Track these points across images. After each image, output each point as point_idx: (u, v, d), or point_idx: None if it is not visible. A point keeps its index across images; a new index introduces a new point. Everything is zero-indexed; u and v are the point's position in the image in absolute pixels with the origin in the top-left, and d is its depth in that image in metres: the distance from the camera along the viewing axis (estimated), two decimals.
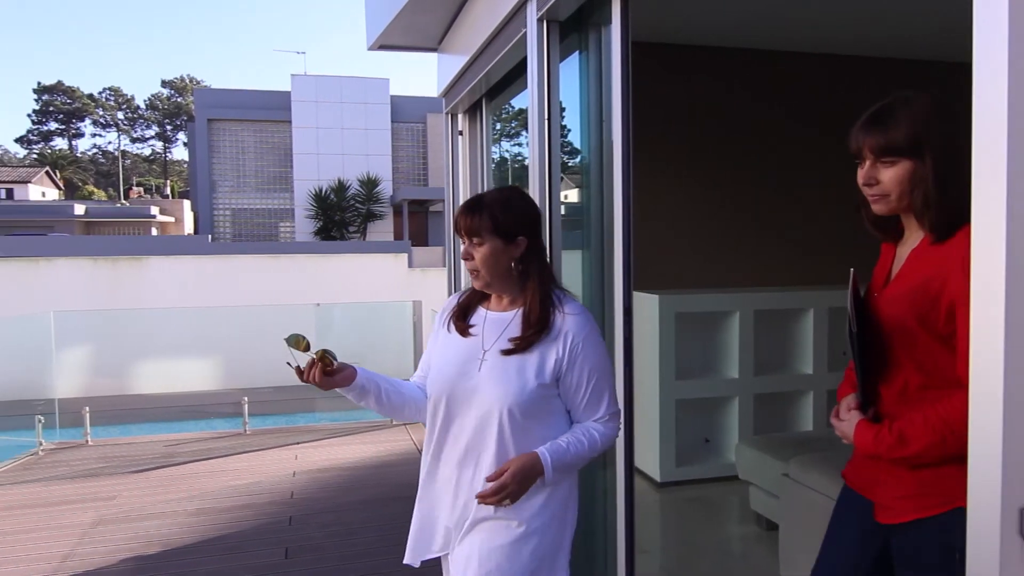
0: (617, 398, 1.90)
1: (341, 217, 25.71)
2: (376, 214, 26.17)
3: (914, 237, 1.62)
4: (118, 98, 68.69)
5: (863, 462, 1.72)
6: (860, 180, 1.59)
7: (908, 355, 1.57)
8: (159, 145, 70.63)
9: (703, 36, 4.74)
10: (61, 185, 53.07)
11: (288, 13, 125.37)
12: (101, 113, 68.08)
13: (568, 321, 1.81)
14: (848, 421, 1.65)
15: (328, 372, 1.81)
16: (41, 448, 6.53)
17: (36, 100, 66.30)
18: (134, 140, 69.99)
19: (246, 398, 7.07)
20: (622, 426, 1.94)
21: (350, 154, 26.42)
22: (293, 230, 26.71)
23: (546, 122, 2.79)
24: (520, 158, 4.60)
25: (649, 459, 4.62)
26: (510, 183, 4.67)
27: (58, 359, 8.28)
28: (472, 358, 1.84)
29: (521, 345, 1.80)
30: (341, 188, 25.70)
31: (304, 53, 77.91)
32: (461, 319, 1.92)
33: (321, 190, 25.58)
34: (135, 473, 5.80)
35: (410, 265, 12.86)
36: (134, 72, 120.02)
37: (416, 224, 27.13)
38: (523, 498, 1.78)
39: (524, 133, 4.35)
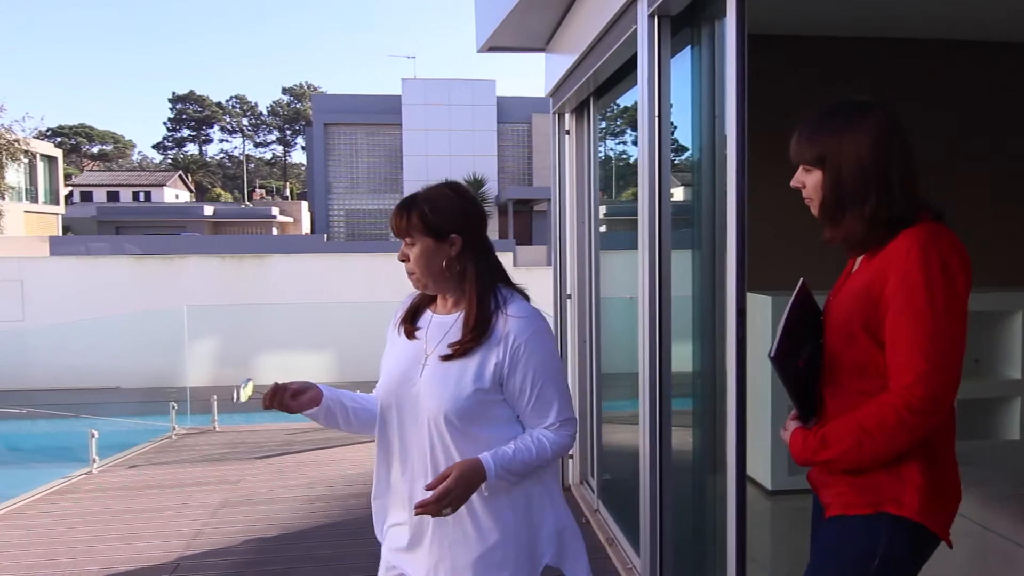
0: (571, 405, 1.78)
1: None
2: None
3: None
4: (243, 105, 72.99)
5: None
6: (792, 183, 1.67)
7: (849, 359, 1.59)
8: (279, 149, 74.56)
9: (824, 26, 4.53)
10: (192, 188, 56.94)
11: (400, 19, 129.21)
12: (228, 120, 72.57)
13: (511, 323, 1.71)
14: (787, 431, 1.67)
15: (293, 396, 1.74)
16: (174, 432, 7.04)
17: (171, 109, 71.49)
18: (257, 145, 74.24)
19: (359, 391, 7.35)
20: (733, 433, 1.87)
21: (457, 155, 26.96)
22: None
23: (656, 119, 2.75)
24: (625, 156, 4.55)
25: (760, 466, 4.47)
26: (615, 181, 4.63)
27: (190, 350, 8.90)
28: (415, 363, 1.77)
29: (459, 351, 1.70)
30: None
31: (414, 57, 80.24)
32: (409, 322, 1.83)
33: None
34: (258, 459, 6.15)
35: (515, 264, 12.98)
36: (258, 80, 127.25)
37: (521, 223, 27.36)
38: (486, 508, 1.71)
39: (630, 131, 4.30)
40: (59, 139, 57.97)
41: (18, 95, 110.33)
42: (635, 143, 4.24)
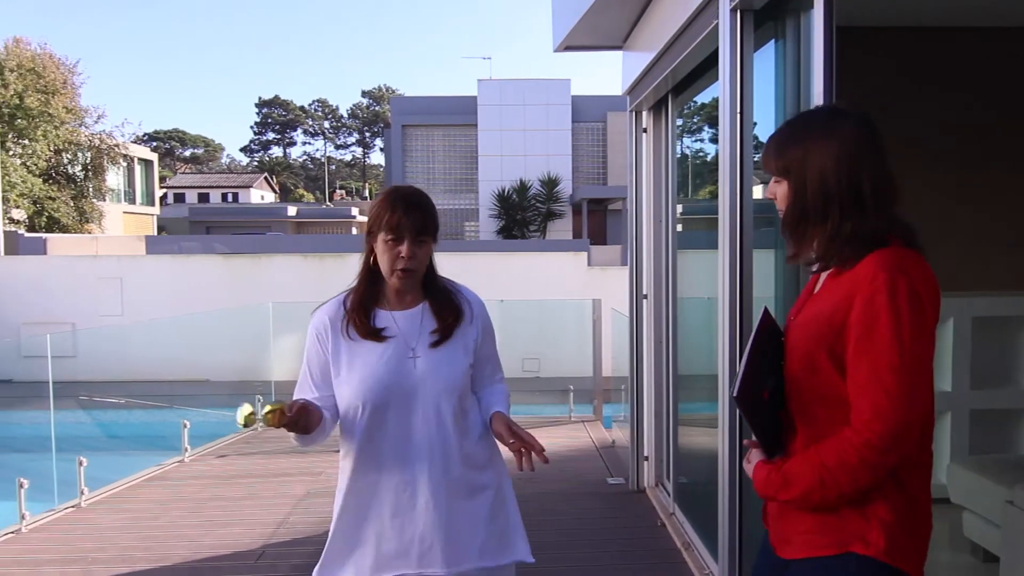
0: None
1: (522, 216, 26.36)
2: (556, 213, 26.55)
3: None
4: (325, 109, 75.18)
5: None
6: (765, 194, 1.61)
7: (812, 388, 1.50)
8: (359, 151, 76.47)
9: (909, 16, 4.32)
10: (277, 189, 59.02)
11: (475, 21, 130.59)
12: (311, 123, 74.90)
13: (474, 305, 1.99)
14: (750, 464, 1.59)
15: (294, 417, 1.76)
16: (260, 424, 7.31)
17: (257, 113, 74.28)
18: (338, 147, 76.35)
19: None
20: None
21: (532, 155, 27.00)
22: (477, 229, 27.78)
23: (738, 116, 2.70)
24: (703, 154, 4.47)
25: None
26: (692, 180, 4.56)
27: (274, 345, 9.23)
28: (403, 358, 1.86)
29: (445, 333, 1.89)
30: (523, 188, 26.34)
31: (490, 58, 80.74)
32: (366, 325, 1.89)
33: (504, 190, 26.36)
34: (338, 452, 6.32)
35: (589, 263, 12.92)
36: (339, 84, 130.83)
37: (595, 223, 27.19)
38: (476, 464, 1.95)
39: (708, 128, 4.22)
40: (155, 143, 61.06)
41: (118, 102, 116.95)
42: (713, 140, 4.15)
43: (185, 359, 11.18)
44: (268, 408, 1.75)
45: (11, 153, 19.60)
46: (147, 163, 33.59)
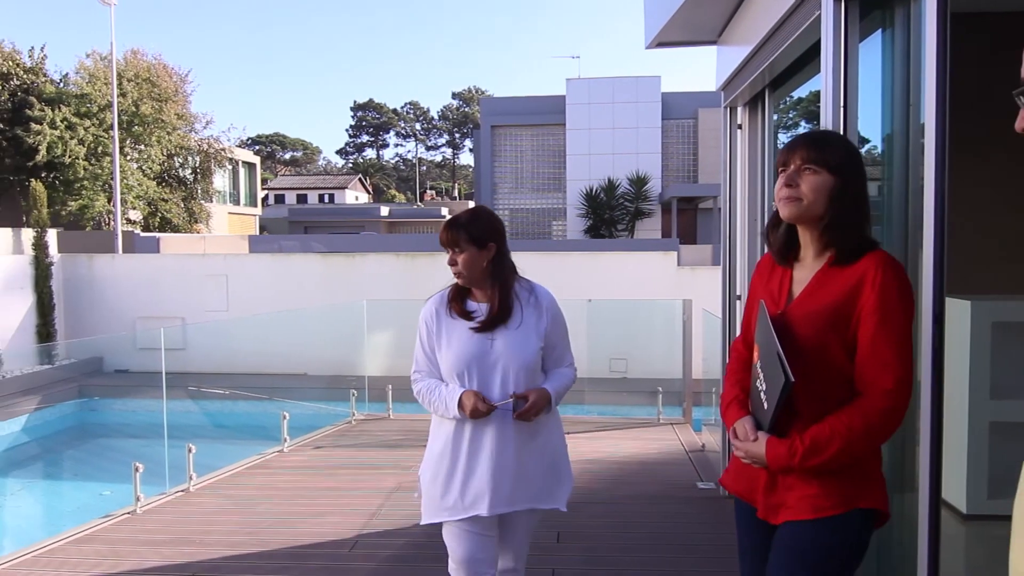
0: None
1: (610, 215, 26.14)
2: (644, 212, 26.19)
3: (812, 259, 1.82)
4: (416, 111, 76.81)
5: (742, 468, 1.88)
6: (781, 181, 1.78)
7: (825, 370, 1.72)
8: (449, 152, 77.70)
9: None
10: (370, 190, 60.72)
11: (564, 20, 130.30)
12: (403, 125, 76.69)
13: (543, 297, 2.50)
14: (759, 442, 1.77)
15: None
16: (353, 418, 7.55)
17: (352, 116, 76.65)
18: (428, 148, 77.85)
19: None
20: (927, 451, 2.10)
21: (620, 153, 26.74)
22: (565, 228, 27.74)
23: (842, 110, 2.58)
24: None
25: (954, 487, 4.07)
26: None
27: (368, 342, 9.50)
28: (483, 339, 2.39)
29: (487, 325, 2.39)
30: (611, 187, 26.12)
31: (578, 57, 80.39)
32: (461, 309, 2.44)
33: (592, 189, 26.22)
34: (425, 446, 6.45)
35: (679, 263, 12.67)
36: (430, 87, 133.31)
37: (685, 222, 26.66)
38: (537, 424, 2.42)
39: (805, 123, 4.06)
40: (257, 147, 63.98)
41: (224, 108, 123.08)
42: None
43: (284, 353, 11.65)
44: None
45: (128, 158, 20.96)
46: (250, 166, 35.24)
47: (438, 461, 2.46)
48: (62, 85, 20.55)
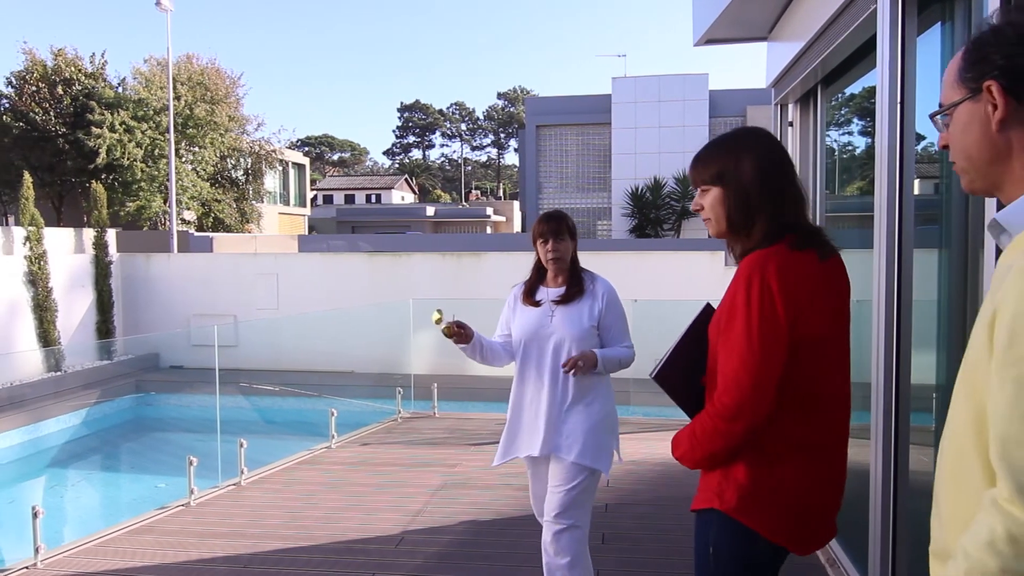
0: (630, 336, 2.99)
1: (656, 215, 25.88)
2: (691, 212, 25.86)
3: None
4: (462, 112, 77.23)
5: None
6: (692, 207, 1.87)
7: (711, 369, 1.78)
8: (494, 152, 77.93)
9: None
10: (416, 190, 61.29)
11: (610, 19, 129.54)
12: (448, 126, 77.20)
13: (600, 285, 2.99)
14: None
15: (459, 332, 2.88)
16: (399, 416, 7.63)
17: (399, 117, 77.48)
18: (474, 148, 78.21)
19: None
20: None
21: (667, 152, 26.45)
22: (610, 228, 27.57)
23: (898, 106, 2.51)
24: (851, 148, 4.21)
25: None
26: (839, 175, 4.31)
27: (414, 340, 9.59)
28: (544, 315, 2.96)
29: (567, 299, 2.94)
30: (657, 186, 25.86)
31: (625, 55, 79.66)
32: (530, 297, 3.02)
33: (637, 189, 26.00)
34: (473, 446, 6.49)
35: (726, 263, 12.48)
36: (475, 87, 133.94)
37: None
38: (586, 388, 2.92)
39: (858, 120, 3.96)
40: (306, 148, 65.09)
41: (275, 110, 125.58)
42: (864, 133, 3.90)
43: (332, 351, 11.83)
44: (435, 316, 2.90)
45: (183, 160, 21.55)
46: (300, 167, 35.88)
47: (509, 414, 3.04)
48: (120, 90, 21.24)
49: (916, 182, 2.74)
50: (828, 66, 3.76)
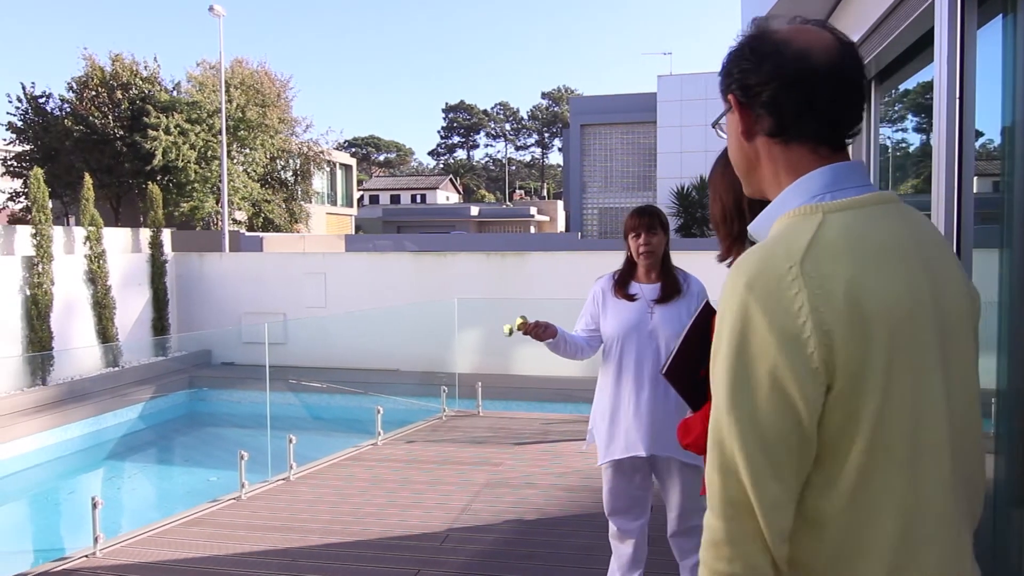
0: None
1: (702, 214, 25.55)
2: None
3: None
4: (506, 112, 77.38)
5: None
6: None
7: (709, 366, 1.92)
8: (538, 151, 77.90)
9: None
10: (460, 190, 61.65)
11: (655, 16, 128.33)
12: (493, 126, 77.44)
13: (694, 284, 3.04)
14: None
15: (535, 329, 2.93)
16: (444, 414, 7.69)
17: (444, 118, 77.99)
18: (518, 148, 78.31)
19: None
20: None
21: (713, 150, 25.87)
22: None
23: (957, 102, 2.44)
24: (904, 145, 4.10)
25: None
26: (892, 171, 4.20)
27: (459, 339, 9.65)
28: (643, 312, 2.95)
29: (665, 297, 2.96)
30: (703, 185, 25.51)
31: (670, 53, 78.83)
32: (624, 290, 3.01)
33: (683, 188, 25.72)
34: (517, 445, 6.50)
35: None
36: (519, 87, 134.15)
37: None
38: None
39: (912, 116, 3.85)
40: (353, 149, 66.00)
41: (323, 112, 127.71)
42: (918, 130, 3.79)
43: (378, 350, 11.98)
44: (518, 321, 2.95)
45: (235, 161, 22.06)
46: (347, 168, 36.41)
47: (603, 414, 3.02)
48: (175, 93, 21.85)
49: (975, 180, 2.65)
50: (882, 61, 3.66)
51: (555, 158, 75.92)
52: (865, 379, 1.00)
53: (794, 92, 1.12)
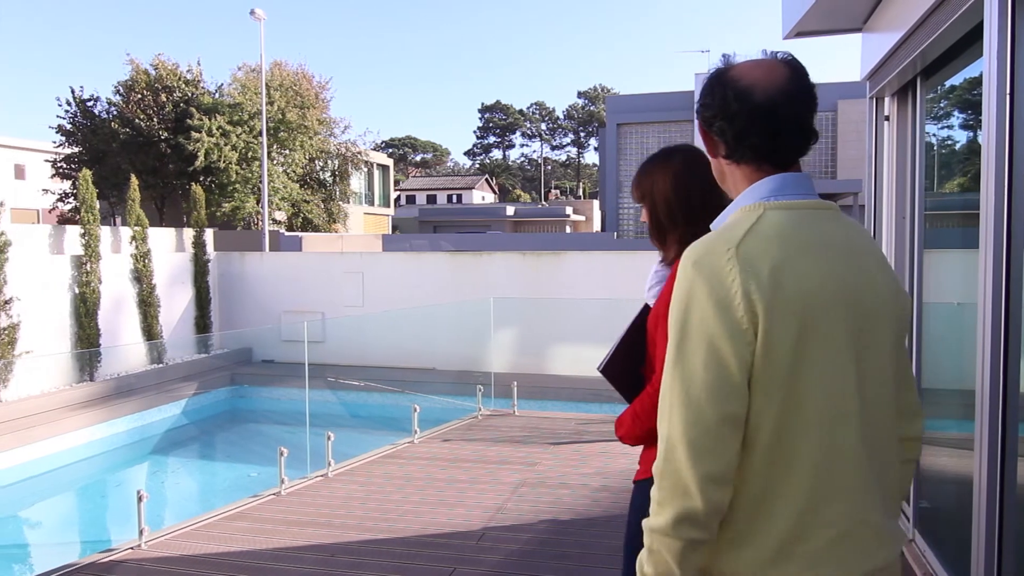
0: None
1: None
2: None
3: None
4: (542, 111, 77.32)
5: None
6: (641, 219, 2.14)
7: (652, 359, 2.01)
8: (573, 151, 77.69)
9: None
10: (496, 190, 61.76)
11: (692, 14, 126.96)
12: (528, 126, 77.43)
13: None
14: None
15: None
16: (480, 413, 7.72)
17: (480, 118, 78.24)
18: (553, 148, 78.19)
19: None
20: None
21: None
22: None
23: (1007, 97, 2.37)
24: (950, 142, 4.00)
25: None
26: (938, 169, 4.10)
27: (495, 339, 9.67)
28: None
29: None
30: None
31: (708, 51, 77.84)
32: None
33: None
34: (552, 445, 6.50)
35: None
36: (555, 86, 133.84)
37: None
38: None
39: (958, 112, 3.76)
40: (390, 150, 66.55)
41: (360, 113, 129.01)
42: (965, 127, 3.69)
43: (415, 348, 12.07)
44: None
45: (275, 162, 22.42)
46: (384, 168, 36.73)
47: None
48: (217, 96, 22.28)
49: None
50: (929, 57, 3.58)
51: (591, 157, 75.68)
52: (779, 348, 1.19)
53: (734, 126, 1.35)
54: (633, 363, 2.09)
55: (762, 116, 1.33)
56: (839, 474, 1.24)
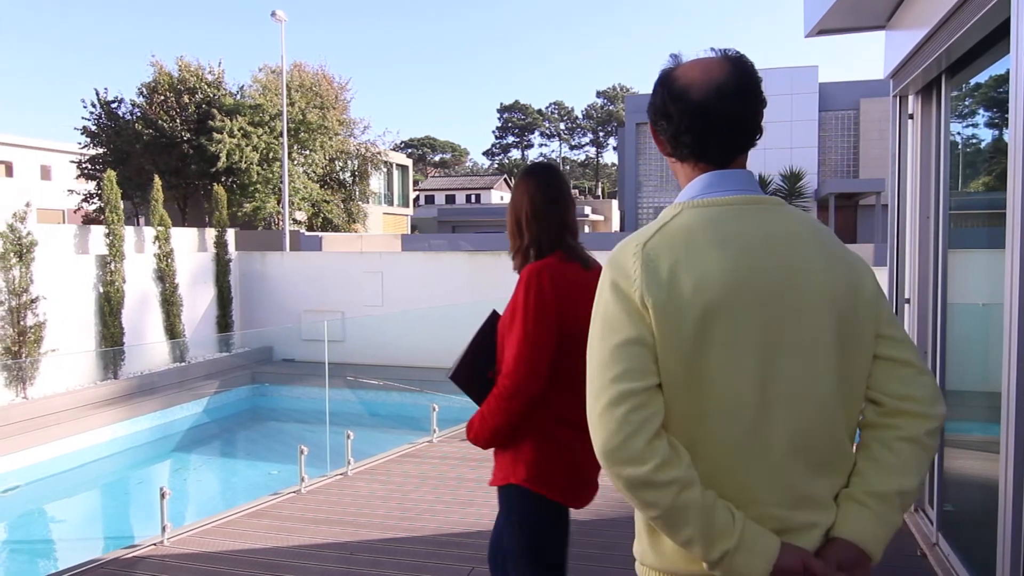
0: None
1: None
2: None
3: None
4: (561, 111, 77.23)
5: None
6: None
7: (501, 360, 2.21)
8: (592, 151, 77.52)
9: None
10: None
11: (712, 11, 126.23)
12: (547, 125, 77.38)
13: None
14: None
15: None
16: None
17: (498, 118, 78.28)
18: (572, 147, 78.04)
19: None
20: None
21: (772, 148, 25.53)
22: None
23: None
24: (975, 140, 3.94)
25: None
26: (963, 168, 4.04)
27: None
28: None
29: None
30: (762, 183, 24.98)
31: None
32: None
33: None
34: None
35: None
36: (574, 86, 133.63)
37: (843, 219, 25.07)
38: None
39: (984, 111, 3.70)
40: (409, 150, 66.80)
41: (379, 113, 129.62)
42: (989, 125, 3.64)
43: (433, 347, 12.08)
44: None
45: (295, 163, 22.59)
46: (403, 168, 36.87)
47: None
48: (238, 97, 22.49)
49: None
50: (954, 54, 3.53)
51: (609, 157, 75.49)
52: (676, 343, 1.25)
53: (671, 125, 1.40)
54: (481, 368, 2.21)
55: (694, 115, 1.36)
56: (737, 468, 1.28)
